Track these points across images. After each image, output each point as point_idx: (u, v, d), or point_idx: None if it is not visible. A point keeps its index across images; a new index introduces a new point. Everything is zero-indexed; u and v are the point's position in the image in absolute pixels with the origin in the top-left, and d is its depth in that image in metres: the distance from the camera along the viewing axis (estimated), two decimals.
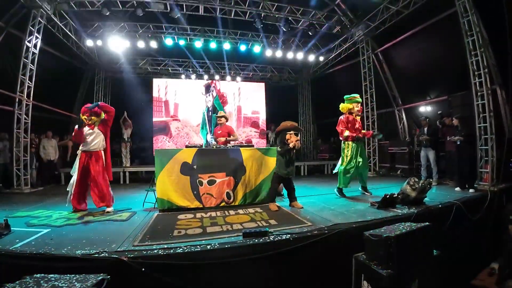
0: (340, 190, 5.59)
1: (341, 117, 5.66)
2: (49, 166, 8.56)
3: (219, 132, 6.24)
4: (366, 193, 5.75)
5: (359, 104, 5.67)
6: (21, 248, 2.79)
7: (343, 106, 5.66)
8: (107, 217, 4.22)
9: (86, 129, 4.60)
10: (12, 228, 3.38)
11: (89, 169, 4.58)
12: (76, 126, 4.58)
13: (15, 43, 7.65)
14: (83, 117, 4.58)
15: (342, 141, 5.70)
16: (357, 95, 5.69)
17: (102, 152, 4.71)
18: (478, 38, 6.20)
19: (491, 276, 4.29)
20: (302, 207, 4.63)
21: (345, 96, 5.75)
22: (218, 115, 6.48)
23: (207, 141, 11.79)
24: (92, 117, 4.60)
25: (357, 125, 5.60)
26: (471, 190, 5.65)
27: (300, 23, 9.60)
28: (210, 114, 12.93)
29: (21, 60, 7.31)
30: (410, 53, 9.46)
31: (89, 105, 4.66)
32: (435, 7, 7.60)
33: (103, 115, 4.74)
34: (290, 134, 4.61)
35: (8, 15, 7.40)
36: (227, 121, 6.40)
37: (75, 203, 4.59)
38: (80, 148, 4.64)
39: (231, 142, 6.04)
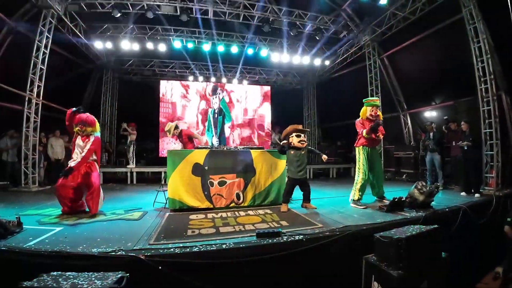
0: (357, 201, 5.02)
1: (357, 121, 5.27)
2: (57, 165, 8.67)
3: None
4: (384, 200, 5.20)
5: (376, 108, 5.19)
6: (35, 246, 2.79)
7: (361, 112, 5.27)
8: (119, 216, 4.28)
9: (78, 141, 4.40)
10: (24, 226, 3.39)
11: (83, 178, 4.32)
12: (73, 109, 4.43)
13: (25, 42, 7.72)
14: (76, 129, 4.38)
15: (356, 147, 5.29)
16: (375, 98, 5.49)
17: (95, 163, 4.49)
18: (484, 45, 6.27)
19: (495, 280, 4.35)
20: (316, 208, 4.75)
21: (364, 100, 5.34)
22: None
23: (212, 143, 11.93)
24: (87, 128, 4.40)
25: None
26: (476, 195, 5.70)
27: (307, 27, 9.72)
28: (216, 116, 13.11)
29: (31, 59, 7.41)
30: (416, 58, 9.54)
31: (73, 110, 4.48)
32: (442, 13, 7.66)
33: (97, 126, 4.58)
34: (292, 137, 4.82)
35: (18, 14, 7.49)
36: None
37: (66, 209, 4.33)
38: (70, 163, 4.35)
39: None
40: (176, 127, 6.16)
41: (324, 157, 4.96)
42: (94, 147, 4.42)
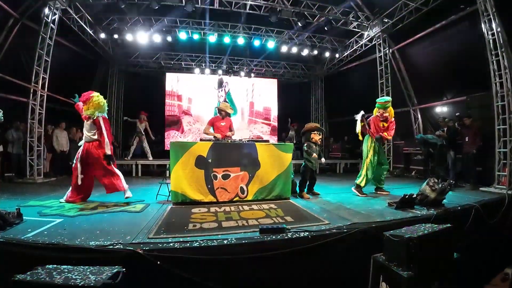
0: (359, 188, 5.57)
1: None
2: (62, 157, 8.68)
3: (222, 124, 5.97)
4: (380, 192, 5.71)
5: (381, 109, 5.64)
6: (33, 238, 2.74)
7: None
8: (121, 208, 4.23)
9: (86, 121, 4.63)
10: (24, 217, 3.37)
11: (90, 157, 4.53)
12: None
13: (30, 34, 7.69)
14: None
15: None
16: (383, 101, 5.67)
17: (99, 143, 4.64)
18: (498, 38, 6.04)
19: (504, 282, 4.19)
20: (319, 194, 5.56)
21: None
22: (222, 106, 6.14)
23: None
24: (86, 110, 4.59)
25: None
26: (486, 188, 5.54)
27: (316, 18, 9.45)
28: None
29: (36, 51, 7.37)
30: (428, 51, 9.23)
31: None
32: (455, 4, 7.41)
33: (93, 104, 4.58)
34: (314, 133, 5.47)
35: (23, 6, 7.44)
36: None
37: (73, 194, 4.57)
38: (81, 141, 4.72)
39: (231, 137, 5.96)
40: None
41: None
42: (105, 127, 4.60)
